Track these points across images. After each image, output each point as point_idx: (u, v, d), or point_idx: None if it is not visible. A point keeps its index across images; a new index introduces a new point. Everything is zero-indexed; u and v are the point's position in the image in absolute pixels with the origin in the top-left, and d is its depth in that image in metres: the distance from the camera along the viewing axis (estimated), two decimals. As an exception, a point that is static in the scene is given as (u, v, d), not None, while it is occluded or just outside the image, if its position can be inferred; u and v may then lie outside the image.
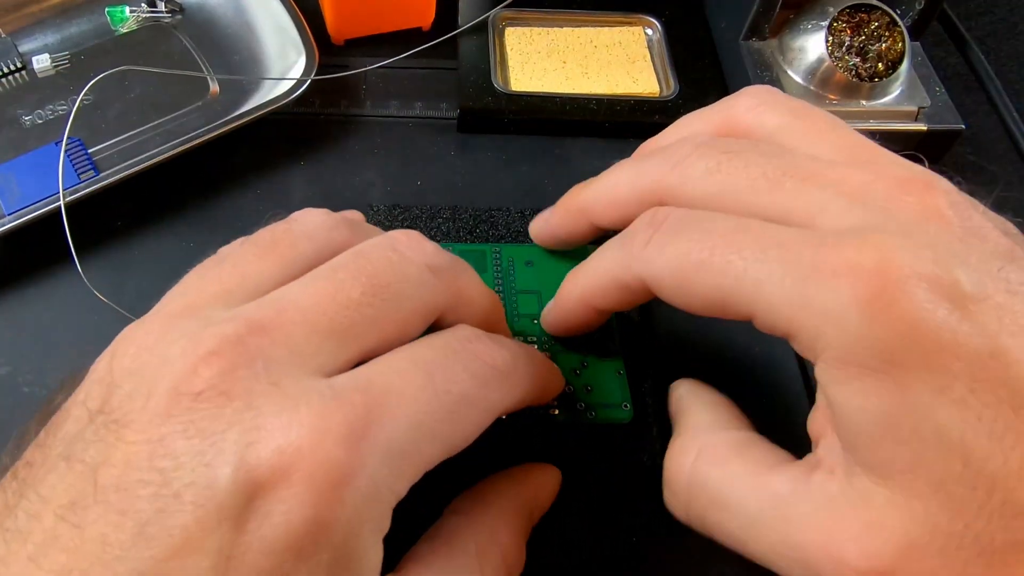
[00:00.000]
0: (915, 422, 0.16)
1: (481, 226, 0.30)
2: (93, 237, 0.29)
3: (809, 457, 0.19)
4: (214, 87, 0.32)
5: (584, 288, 0.23)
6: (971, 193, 0.20)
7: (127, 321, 0.26)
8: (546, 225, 0.27)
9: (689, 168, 0.21)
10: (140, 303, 0.27)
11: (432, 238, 0.29)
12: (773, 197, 0.19)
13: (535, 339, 0.26)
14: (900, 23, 0.32)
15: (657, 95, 0.35)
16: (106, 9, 0.34)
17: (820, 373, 0.18)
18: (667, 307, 0.29)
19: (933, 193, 0.18)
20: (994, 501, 0.16)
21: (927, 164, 0.20)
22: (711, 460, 0.20)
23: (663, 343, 0.28)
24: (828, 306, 0.17)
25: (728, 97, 0.23)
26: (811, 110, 0.22)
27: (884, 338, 0.16)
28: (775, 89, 0.23)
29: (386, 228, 0.29)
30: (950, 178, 0.19)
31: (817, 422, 0.20)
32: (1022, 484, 0.15)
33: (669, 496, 0.21)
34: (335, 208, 0.30)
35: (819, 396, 0.19)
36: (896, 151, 0.21)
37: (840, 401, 0.17)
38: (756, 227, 0.19)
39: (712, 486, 0.19)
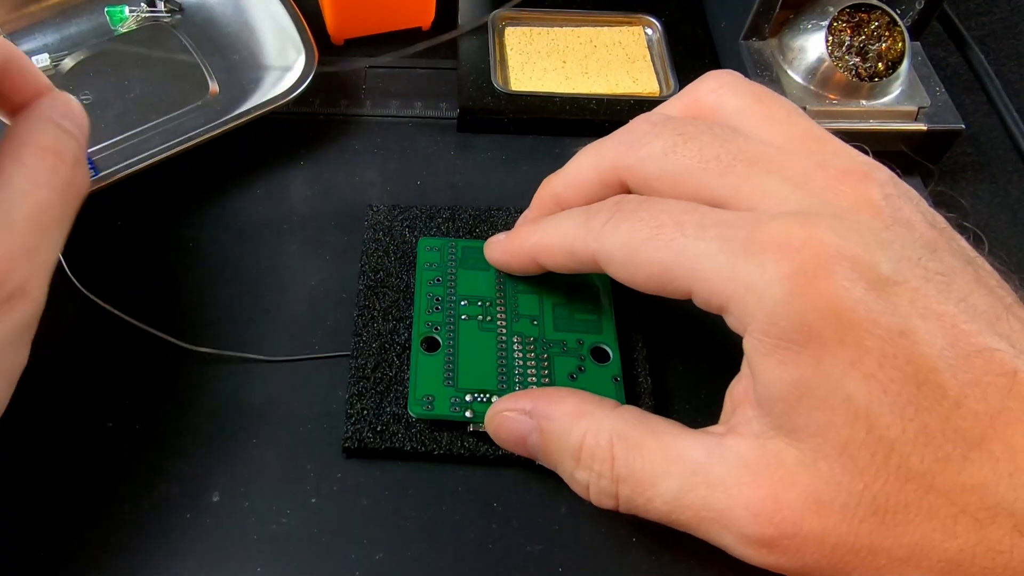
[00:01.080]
0: (827, 391, 0.17)
1: (481, 225, 0.30)
2: (93, 237, 0.29)
3: (717, 427, 0.21)
4: (214, 87, 0.32)
5: (538, 243, 0.25)
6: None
7: (124, 322, 0.26)
8: (524, 221, 0.27)
9: (646, 148, 0.22)
10: (140, 303, 0.27)
11: (433, 236, 0.29)
12: (724, 179, 0.20)
13: (534, 339, 0.26)
14: (900, 23, 0.32)
15: (657, 95, 0.35)
16: (106, 9, 0.34)
17: (746, 344, 0.19)
18: (665, 303, 0.29)
19: (868, 185, 0.20)
20: (891, 465, 0.17)
21: (871, 154, 0.21)
22: (628, 446, 0.21)
23: (660, 340, 0.28)
24: (755, 280, 0.18)
25: (694, 81, 0.24)
26: (770, 95, 0.23)
27: (804, 312, 0.17)
28: (738, 73, 0.24)
29: (387, 228, 0.29)
30: (892, 169, 0.21)
31: (737, 391, 0.21)
32: (916, 451, 0.17)
33: (598, 493, 0.21)
34: (335, 208, 0.31)
35: (744, 366, 0.20)
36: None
37: (762, 370, 0.18)
38: (701, 210, 0.20)
39: (637, 470, 0.20)
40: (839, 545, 0.18)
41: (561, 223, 0.24)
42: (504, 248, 0.27)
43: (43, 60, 0.32)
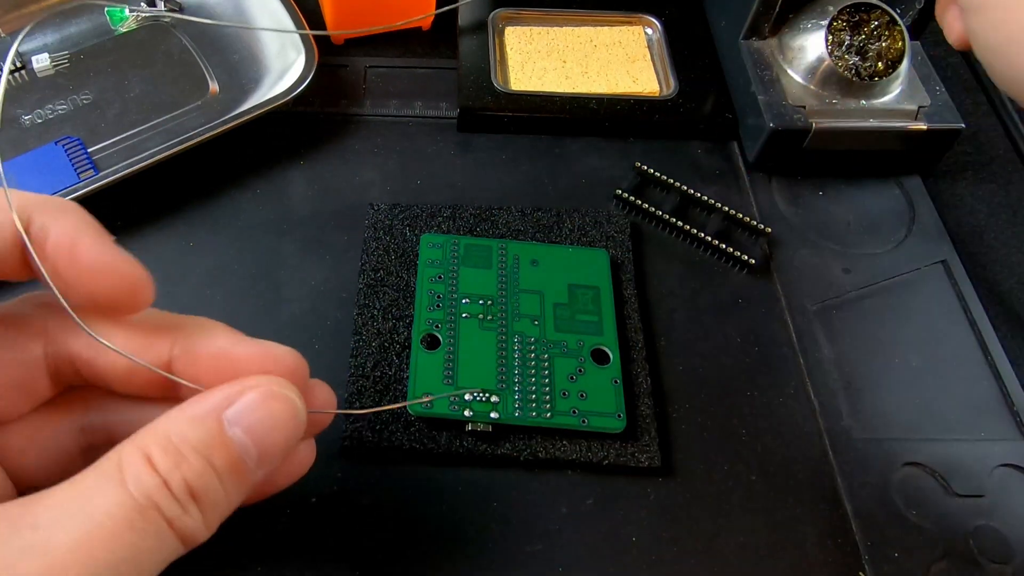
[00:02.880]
0: None
1: (482, 224, 0.30)
2: (93, 237, 0.29)
3: None
4: (214, 87, 0.32)
5: None
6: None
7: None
8: None
9: None
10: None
11: (435, 233, 0.29)
12: None
13: (534, 340, 0.26)
14: (900, 22, 0.32)
15: (657, 94, 0.35)
16: (106, 9, 0.34)
17: None
18: (666, 306, 0.29)
19: None
20: None
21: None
22: None
23: (659, 342, 0.28)
24: None
25: None
26: None
27: None
28: None
29: (387, 227, 0.29)
30: None
31: None
32: None
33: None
34: (335, 208, 0.31)
35: None
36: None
37: None
38: None
39: None
40: None
41: None
42: None
43: (43, 60, 0.32)
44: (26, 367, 0.18)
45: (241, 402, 0.17)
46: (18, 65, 0.32)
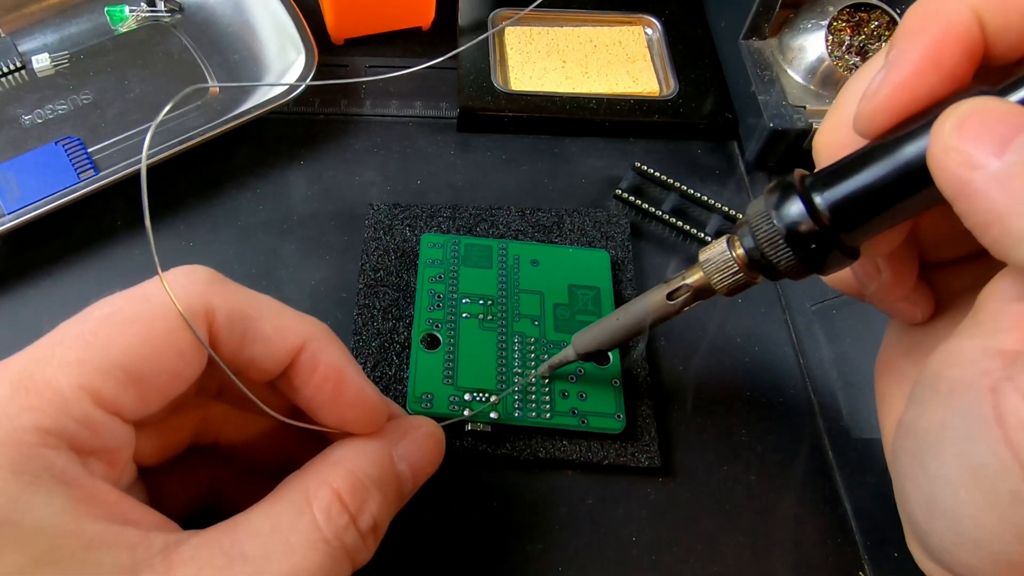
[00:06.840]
0: None
1: (481, 224, 0.30)
2: (93, 237, 0.29)
3: None
4: (213, 86, 0.32)
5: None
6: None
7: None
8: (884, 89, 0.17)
9: None
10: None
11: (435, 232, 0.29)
12: None
13: (534, 340, 0.26)
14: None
15: (657, 94, 0.35)
16: (106, 9, 0.34)
17: None
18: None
19: None
20: None
21: None
22: None
23: (659, 341, 0.28)
24: None
25: None
26: None
27: None
28: None
29: (388, 227, 0.29)
30: None
31: None
32: None
33: None
34: (335, 208, 0.31)
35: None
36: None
37: None
38: None
39: None
40: None
41: None
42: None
43: (43, 60, 0.32)
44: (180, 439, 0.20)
45: (407, 441, 0.19)
46: (18, 65, 0.32)
